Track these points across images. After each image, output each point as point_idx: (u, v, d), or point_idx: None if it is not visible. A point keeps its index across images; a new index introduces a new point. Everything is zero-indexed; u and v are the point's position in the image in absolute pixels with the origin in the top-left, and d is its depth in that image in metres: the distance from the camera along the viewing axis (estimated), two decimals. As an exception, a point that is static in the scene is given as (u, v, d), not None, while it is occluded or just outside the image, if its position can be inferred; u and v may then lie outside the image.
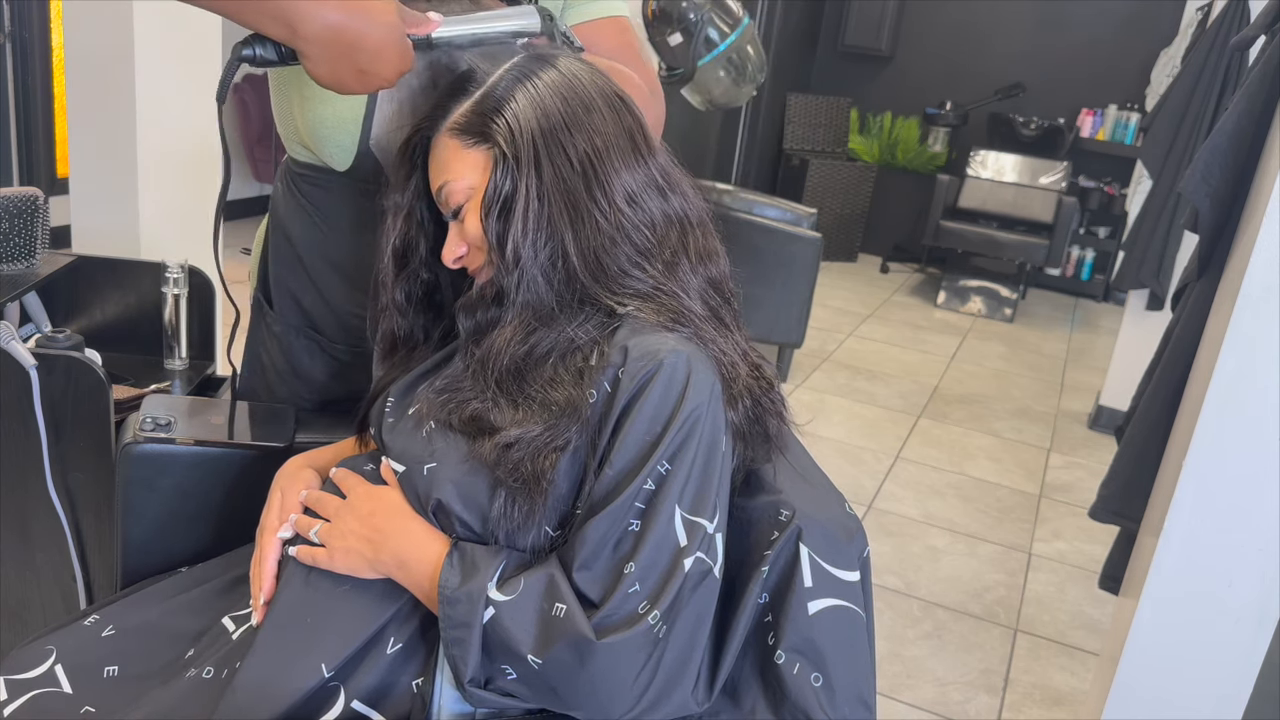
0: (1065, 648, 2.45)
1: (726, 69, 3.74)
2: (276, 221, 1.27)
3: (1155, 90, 5.19)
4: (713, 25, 3.62)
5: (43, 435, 1.40)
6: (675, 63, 3.69)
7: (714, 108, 4.03)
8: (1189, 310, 1.68)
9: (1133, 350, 3.70)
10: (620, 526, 0.80)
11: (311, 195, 1.22)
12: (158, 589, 1.04)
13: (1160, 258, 3.46)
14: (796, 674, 0.84)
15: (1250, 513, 1.43)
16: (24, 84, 4.01)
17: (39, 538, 1.48)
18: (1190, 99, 3.23)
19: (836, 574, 0.87)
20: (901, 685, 2.21)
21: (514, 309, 0.89)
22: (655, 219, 0.91)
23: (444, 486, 0.86)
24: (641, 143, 0.93)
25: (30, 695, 0.90)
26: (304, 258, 1.24)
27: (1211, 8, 3.48)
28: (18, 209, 1.66)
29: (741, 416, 0.89)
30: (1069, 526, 3.11)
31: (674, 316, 0.88)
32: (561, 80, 0.92)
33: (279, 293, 1.27)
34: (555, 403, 0.85)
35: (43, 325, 1.75)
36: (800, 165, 6.34)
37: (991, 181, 5.88)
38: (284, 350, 1.28)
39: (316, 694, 0.85)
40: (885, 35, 6.31)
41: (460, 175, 0.91)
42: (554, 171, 0.88)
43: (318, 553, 0.89)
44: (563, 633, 0.77)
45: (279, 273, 1.27)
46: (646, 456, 0.81)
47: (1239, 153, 1.57)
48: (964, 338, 5.11)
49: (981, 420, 3.95)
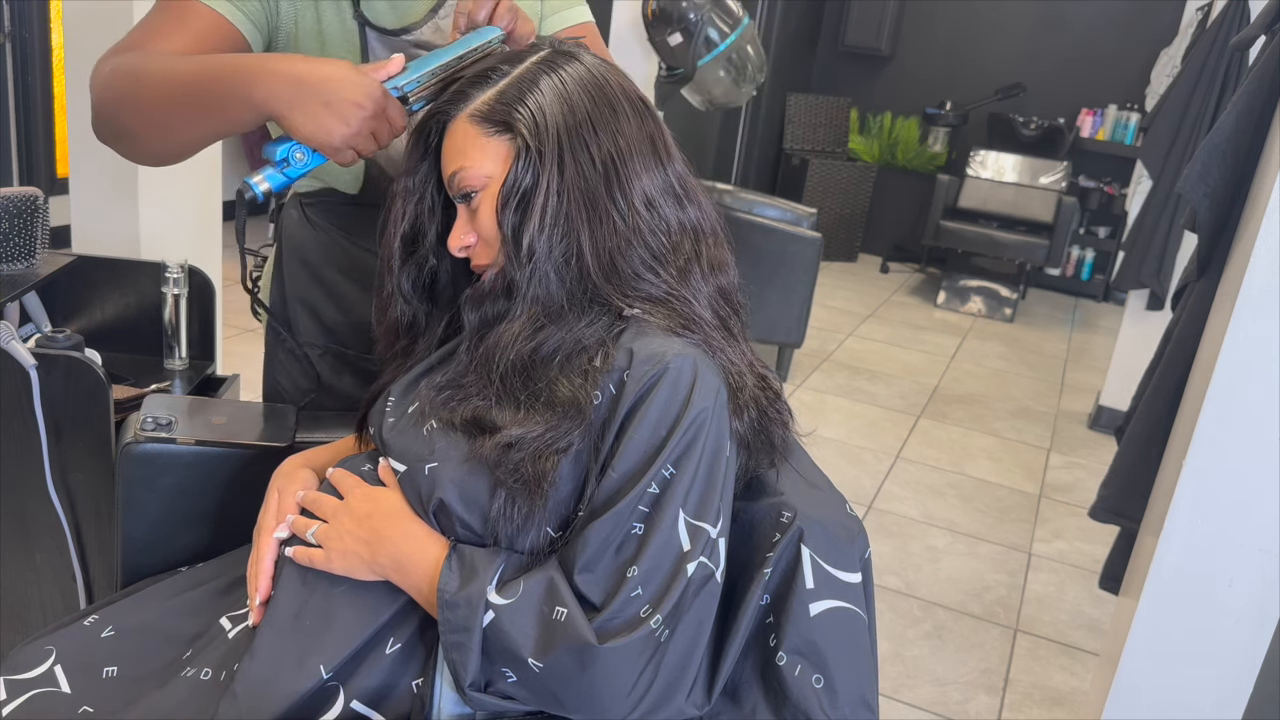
0: (1065, 648, 2.45)
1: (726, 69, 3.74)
2: (291, 248, 1.27)
3: (1155, 90, 5.19)
4: (713, 25, 3.62)
5: (43, 435, 1.40)
6: (675, 63, 3.69)
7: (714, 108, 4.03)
8: (1189, 310, 1.68)
9: (1133, 350, 3.71)
10: (623, 530, 0.80)
11: (326, 215, 1.25)
12: (157, 589, 1.04)
13: (1160, 258, 3.46)
14: (798, 675, 0.84)
15: (1250, 513, 1.43)
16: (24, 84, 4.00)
17: (39, 538, 1.48)
18: (1190, 99, 3.23)
19: (838, 575, 0.87)
20: (901, 685, 2.21)
21: (523, 303, 0.89)
22: (671, 225, 0.91)
23: (445, 486, 0.85)
24: (662, 149, 0.93)
25: (29, 695, 0.90)
26: (322, 275, 1.25)
27: (1211, 8, 3.48)
28: (18, 209, 1.66)
29: (747, 426, 0.89)
30: (1069, 526, 3.11)
31: (684, 322, 0.88)
32: (589, 77, 0.91)
33: (298, 314, 1.27)
34: (558, 403, 0.85)
35: (43, 325, 1.75)
36: (800, 165, 6.34)
37: (991, 181, 5.88)
38: (307, 371, 1.28)
39: (316, 694, 0.85)
40: (885, 35, 6.31)
41: (478, 163, 0.90)
42: (576, 169, 0.88)
43: (314, 554, 0.89)
44: (564, 636, 0.77)
45: (296, 296, 1.27)
46: (651, 460, 0.80)
47: (1238, 153, 1.57)
48: (964, 338, 5.11)
49: (981, 420, 3.95)
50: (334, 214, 1.25)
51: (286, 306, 1.29)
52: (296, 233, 1.27)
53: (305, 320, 1.28)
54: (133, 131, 1.02)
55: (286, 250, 1.28)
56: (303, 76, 0.91)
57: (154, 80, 0.98)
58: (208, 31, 1.05)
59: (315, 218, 1.26)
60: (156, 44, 1.03)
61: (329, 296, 1.26)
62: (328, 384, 1.28)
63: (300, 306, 1.28)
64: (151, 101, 0.99)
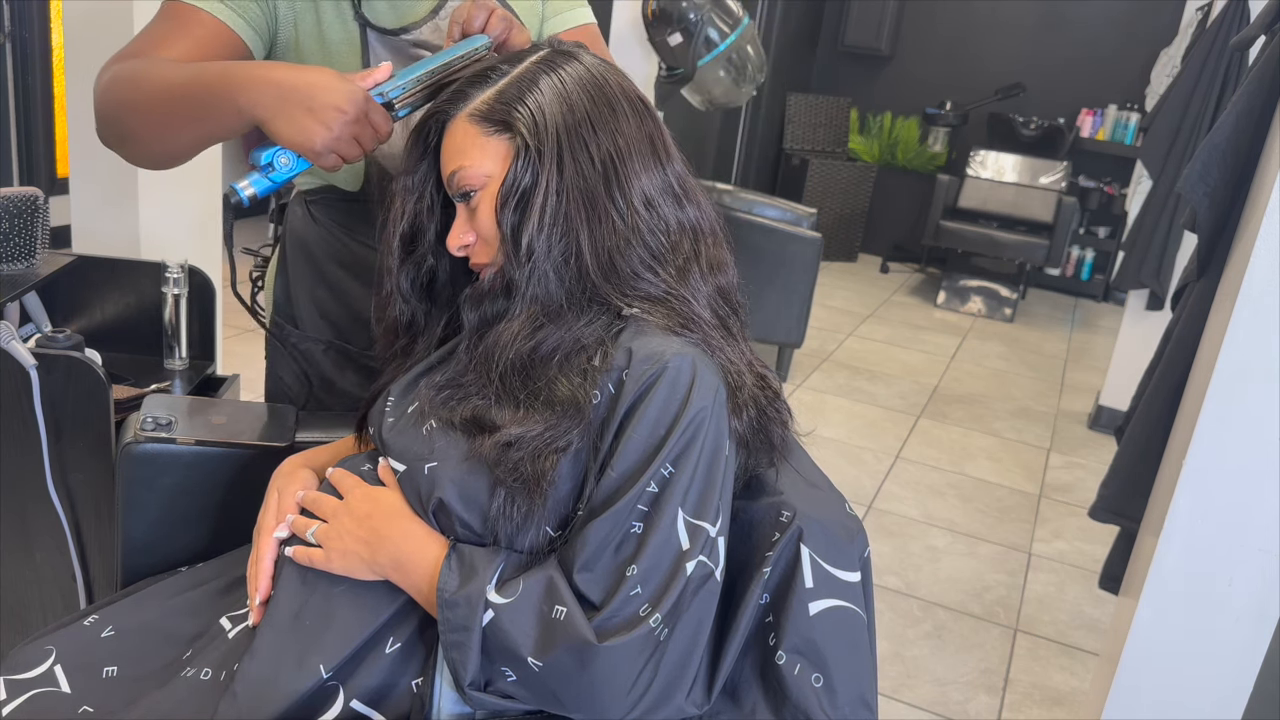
0: (1065, 648, 2.45)
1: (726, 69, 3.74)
2: (296, 244, 1.28)
3: (1155, 90, 5.19)
4: (713, 25, 3.62)
5: (43, 435, 1.40)
6: (675, 63, 3.69)
7: (714, 108, 4.03)
8: (1189, 310, 1.68)
9: (1133, 350, 3.71)
10: (622, 529, 0.80)
11: (328, 211, 1.26)
12: (157, 589, 1.04)
13: (1160, 258, 3.46)
14: (797, 675, 0.84)
15: (1250, 512, 1.43)
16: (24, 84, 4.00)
17: (39, 538, 1.48)
18: (1190, 99, 3.23)
19: (837, 575, 0.87)
20: (901, 685, 2.21)
21: (523, 302, 0.89)
22: (670, 225, 0.91)
23: (445, 486, 0.85)
24: (661, 148, 0.93)
25: (29, 695, 0.90)
26: (326, 271, 1.26)
27: (1211, 8, 3.48)
28: (18, 209, 1.66)
29: (746, 425, 0.89)
30: (1069, 526, 3.11)
31: (683, 322, 0.88)
32: (589, 77, 0.91)
33: (302, 310, 1.28)
34: (558, 402, 0.85)
35: (43, 325, 1.75)
36: (800, 165, 6.34)
37: (991, 181, 5.88)
38: (311, 366, 1.29)
39: (316, 694, 0.85)
40: (885, 35, 6.31)
41: (477, 162, 0.91)
42: (575, 168, 0.88)
43: (314, 553, 0.89)
44: (564, 635, 0.77)
45: (300, 291, 1.29)
46: (650, 459, 0.80)
47: (1238, 153, 1.57)
48: (964, 338, 5.11)
49: (981, 420, 3.95)
50: (335, 210, 1.26)
51: (291, 302, 1.30)
52: (300, 229, 1.28)
53: (309, 315, 1.29)
54: (133, 136, 1.05)
55: (291, 246, 1.29)
56: (286, 83, 0.93)
57: (150, 87, 1.00)
58: (209, 38, 1.07)
59: (318, 214, 1.27)
60: (159, 51, 1.05)
61: (332, 292, 1.27)
62: (330, 379, 1.29)
63: (304, 302, 1.29)
64: (148, 108, 1.01)
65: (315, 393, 1.30)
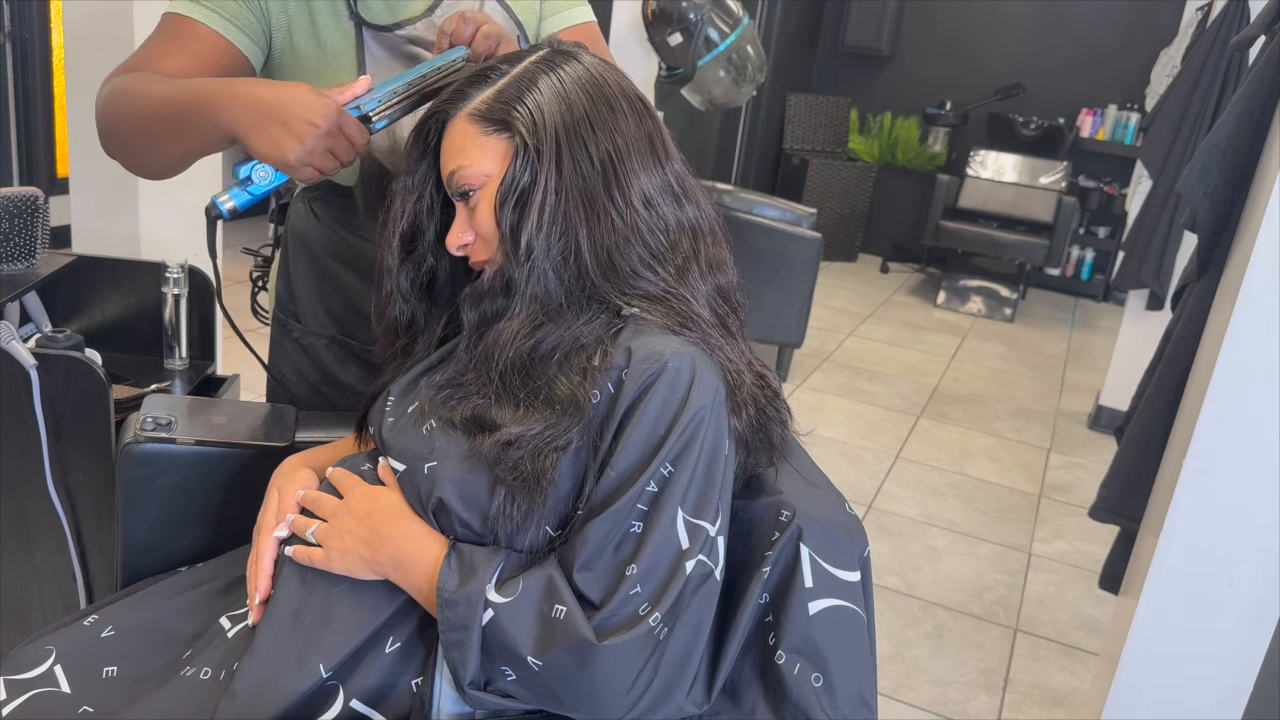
0: (1065, 648, 2.45)
1: (726, 69, 3.74)
2: (297, 241, 1.29)
3: (1155, 90, 5.19)
4: (713, 25, 3.62)
5: (43, 435, 1.40)
6: (675, 63, 3.69)
7: (714, 108, 4.03)
8: (1189, 310, 1.68)
9: (1133, 350, 3.70)
10: (622, 528, 0.80)
11: (328, 208, 1.27)
12: (157, 589, 1.04)
13: (1160, 258, 3.46)
14: (797, 674, 0.84)
15: (1250, 512, 1.43)
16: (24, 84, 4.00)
17: (39, 538, 1.48)
18: (1190, 99, 3.23)
19: (837, 574, 0.87)
20: (901, 685, 2.21)
21: (522, 301, 0.89)
22: (669, 224, 0.91)
23: (445, 485, 0.85)
24: (660, 148, 0.93)
25: (29, 695, 0.90)
26: (327, 266, 1.27)
27: (1211, 8, 3.48)
28: (18, 209, 1.66)
29: (745, 424, 0.89)
30: (1069, 526, 3.11)
31: (682, 321, 0.88)
32: (587, 76, 0.92)
33: (304, 304, 1.29)
34: (557, 401, 0.85)
35: (43, 325, 1.75)
36: (800, 165, 6.34)
37: (991, 181, 5.88)
38: (313, 361, 1.30)
39: (315, 693, 0.85)
40: (885, 35, 6.31)
41: (476, 162, 0.91)
42: (574, 167, 0.88)
43: (314, 553, 0.89)
44: (564, 635, 0.77)
45: (302, 285, 1.29)
46: (649, 458, 0.81)
47: (1238, 153, 1.57)
48: (964, 338, 5.11)
49: (981, 420, 3.95)
50: (335, 206, 1.27)
51: (294, 298, 1.30)
52: (302, 226, 1.29)
53: (312, 311, 1.29)
54: (129, 148, 1.09)
55: (293, 243, 1.30)
56: (261, 99, 0.96)
57: (138, 102, 1.04)
58: (206, 50, 1.09)
59: (319, 211, 1.28)
60: (158, 64, 1.08)
61: (335, 287, 1.28)
62: (334, 374, 1.29)
63: (307, 298, 1.29)
64: (140, 122, 1.04)
65: (319, 388, 1.30)
